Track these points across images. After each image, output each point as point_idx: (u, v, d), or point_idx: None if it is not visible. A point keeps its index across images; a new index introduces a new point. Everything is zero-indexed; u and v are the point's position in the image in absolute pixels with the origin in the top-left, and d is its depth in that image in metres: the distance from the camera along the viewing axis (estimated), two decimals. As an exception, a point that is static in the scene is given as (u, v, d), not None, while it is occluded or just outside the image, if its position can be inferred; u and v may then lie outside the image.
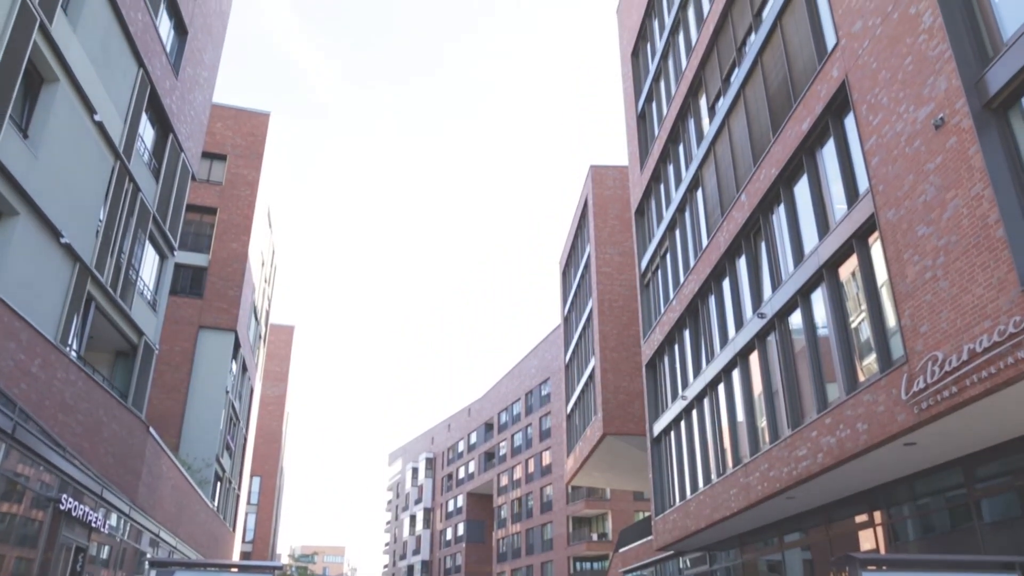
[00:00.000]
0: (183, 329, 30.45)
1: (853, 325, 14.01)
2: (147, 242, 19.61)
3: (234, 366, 33.43)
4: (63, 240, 14.14)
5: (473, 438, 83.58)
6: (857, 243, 13.66)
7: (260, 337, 42.38)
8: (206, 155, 33.77)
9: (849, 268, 14.18)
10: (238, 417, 35.80)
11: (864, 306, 13.43)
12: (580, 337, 41.37)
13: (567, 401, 44.80)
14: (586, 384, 38.63)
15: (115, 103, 16.39)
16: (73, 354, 15.06)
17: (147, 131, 19.24)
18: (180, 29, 20.87)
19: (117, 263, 17.06)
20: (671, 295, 25.34)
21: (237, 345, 32.83)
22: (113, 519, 15.42)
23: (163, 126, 20.10)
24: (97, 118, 15.31)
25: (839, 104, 14.51)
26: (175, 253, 21.58)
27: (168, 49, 19.97)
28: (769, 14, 17.66)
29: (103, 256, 16.19)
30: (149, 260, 20.00)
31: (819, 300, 15.23)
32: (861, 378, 13.48)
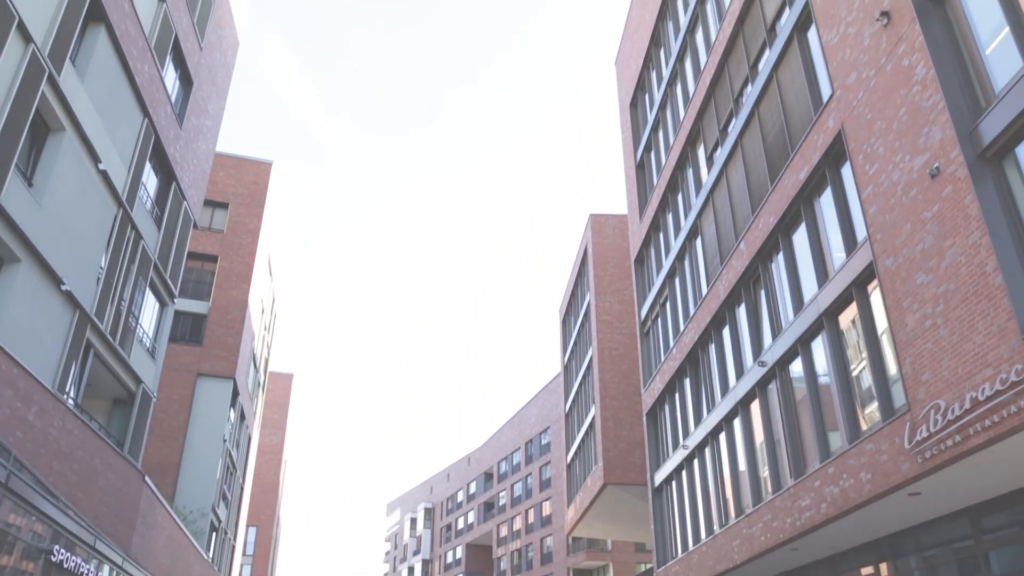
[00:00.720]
0: (181, 377, 30.33)
1: (854, 373, 13.96)
2: (147, 289, 19.65)
3: (232, 414, 33.21)
4: (64, 287, 14.17)
5: (472, 488, 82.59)
6: (856, 291, 13.69)
7: (259, 385, 42.18)
8: (208, 203, 34.04)
9: (849, 316, 14.18)
10: (235, 466, 35.43)
11: (865, 354, 13.40)
12: (580, 385, 41.18)
13: (567, 450, 44.39)
14: (586, 433, 38.32)
15: (119, 152, 16.57)
16: (70, 402, 14.98)
17: (150, 179, 19.43)
18: (185, 80, 21.20)
19: (117, 310, 17.06)
20: (671, 343, 25.29)
21: (236, 393, 32.67)
22: (106, 571, 15.15)
23: (166, 174, 20.29)
24: (101, 167, 15.47)
25: (836, 154, 14.68)
26: (175, 300, 21.60)
27: (173, 99, 20.27)
28: (765, 66, 17.97)
29: (103, 303, 16.21)
30: (149, 307, 20.01)
31: (819, 348, 15.20)
32: (863, 427, 13.38)
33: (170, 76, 20.07)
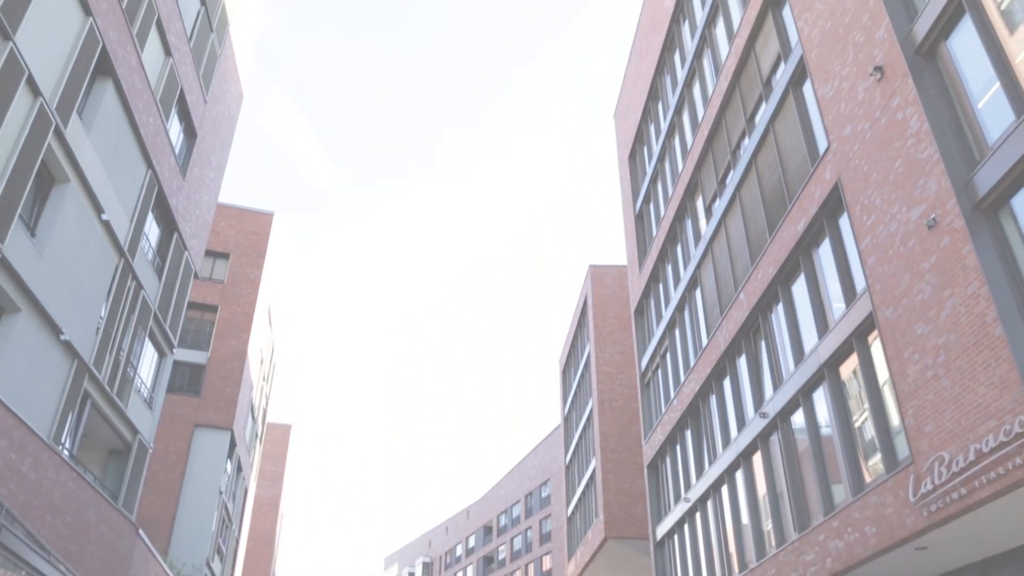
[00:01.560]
0: (178, 427, 30.09)
1: (856, 424, 13.85)
2: (147, 339, 19.61)
3: (229, 466, 32.84)
4: (63, 337, 14.15)
5: (472, 541, 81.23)
6: (857, 342, 13.67)
7: (256, 436, 41.81)
8: (209, 253, 34.20)
9: (850, 367, 14.13)
10: (231, 519, 34.90)
11: (867, 405, 13.32)
12: (580, 437, 40.83)
13: (568, 503, 43.80)
14: (587, 486, 37.86)
15: (122, 202, 16.71)
16: (66, 453, 14.83)
17: (152, 229, 19.55)
18: (189, 132, 21.49)
19: (116, 360, 17.00)
20: (672, 395, 25.15)
21: (233, 444, 32.36)
22: (96, 627, 14.83)
23: (168, 225, 20.42)
24: (104, 217, 15.58)
25: (833, 205, 14.80)
26: (174, 351, 21.55)
27: (177, 151, 20.51)
28: (762, 119, 18.23)
29: (102, 353, 16.16)
30: (148, 357, 19.95)
31: (821, 399, 15.11)
32: (867, 479, 13.23)
33: (174, 128, 20.34)
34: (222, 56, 23.61)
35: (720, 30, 21.86)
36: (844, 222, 14.47)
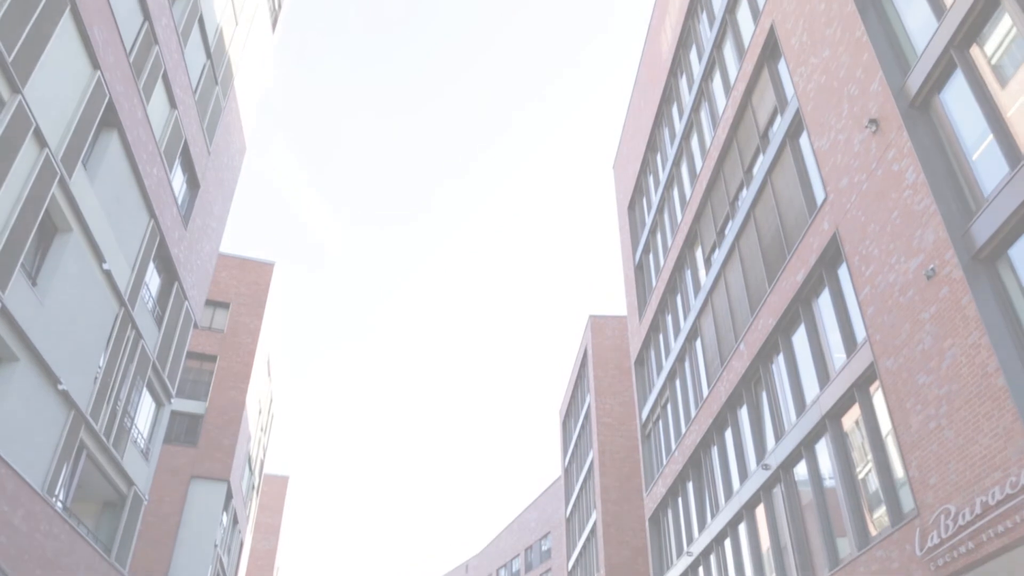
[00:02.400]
0: (174, 478, 29.73)
1: (860, 476, 13.69)
2: (145, 389, 19.51)
3: (225, 518, 32.37)
4: (61, 387, 14.08)
5: (470, 598, 79.58)
6: (858, 392, 13.59)
7: (253, 488, 41.30)
8: (209, 303, 34.22)
9: (852, 418, 14.03)
10: (225, 573, 34.25)
11: (870, 456, 13.18)
12: (581, 489, 40.32)
13: (568, 557, 43.06)
14: (588, 539, 37.26)
15: (124, 252, 16.79)
16: (59, 505, 14.64)
17: (153, 279, 19.60)
18: (192, 183, 21.69)
19: (113, 410, 16.89)
20: (673, 446, 24.92)
21: (229, 496, 31.94)
22: None
23: (169, 274, 20.49)
24: (106, 266, 15.63)
25: (832, 255, 14.86)
26: (172, 401, 21.42)
27: (180, 201, 20.68)
28: (759, 171, 18.42)
29: (99, 403, 16.06)
30: (145, 407, 19.82)
31: (824, 450, 14.97)
32: (872, 532, 13.03)
33: (178, 179, 20.54)
34: (226, 108, 23.97)
35: (717, 84, 22.23)
36: (843, 272, 14.51)
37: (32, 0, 11.83)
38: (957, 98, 11.31)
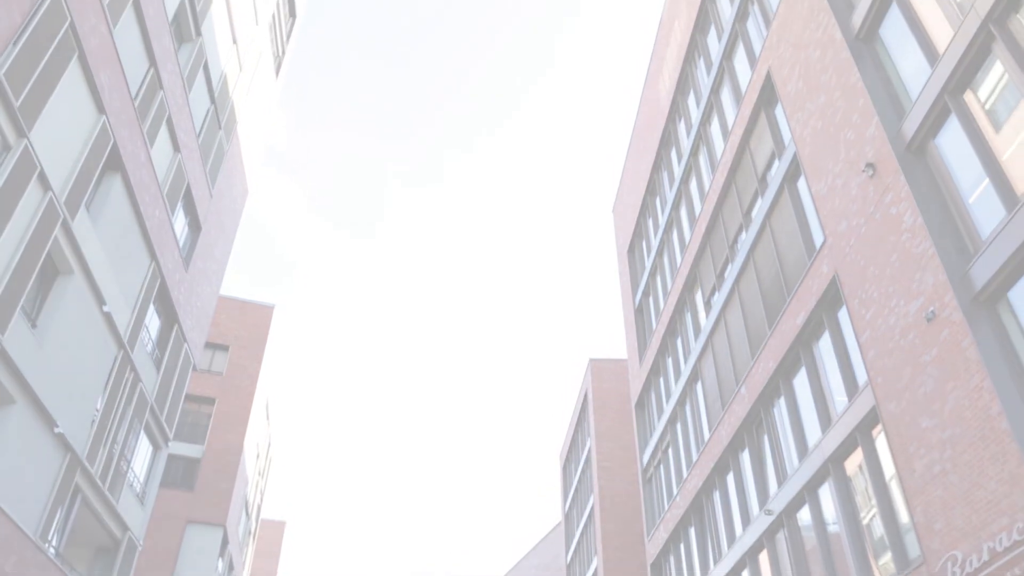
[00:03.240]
0: (169, 523, 29.34)
1: (865, 521, 13.52)
2: (142, 432, 19.37)
3: (220, 564, 31.85)
4: (57, 430, 13.98)
5: (469, 647, 77.94)
6: (861, 436, 13.49)
7: (250, 533, 40.72)
8: (209, 345, 34.14)
9: (855, 462, 13.90)
10: (219, 622, 33.61)
11: (874, 501, 13.03)
12: (582, 535, 39.78)
13: (569, 606, 42.29)
14: (589, 587, 36.64)
15: (124, 294, 16.80)
16: (52, 551, 14.42)
17: (153, 321, 19.59)
18: (194, 225, 21.81)
19: (109, 454, 16.75)
20: (674, 490, 24.65)
21: (225, 541, 31.48)
22: None
23: (169, 317, 20.48)
24: (106, 309, 15.64)
25: (831, 298, 14.88)
26: (169, 444, 21.24)
27: (181, 244, 20.76)
28: (758, 214, 18.53)
29: (96, 447, 15.93)
30: (142, 451, 19.66)
31: (827, 495, 14.80)
32: (878, 580, 12.81)
33: (179, 221, 20.66)
34: (229, 152, 24.20)
35: (715, 128, 22.49)
36: (843, 315, 14.51)
37: (41, 46, 12.03)
38: (952, 142, 11.43)
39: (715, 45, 22.48)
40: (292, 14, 29.38)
